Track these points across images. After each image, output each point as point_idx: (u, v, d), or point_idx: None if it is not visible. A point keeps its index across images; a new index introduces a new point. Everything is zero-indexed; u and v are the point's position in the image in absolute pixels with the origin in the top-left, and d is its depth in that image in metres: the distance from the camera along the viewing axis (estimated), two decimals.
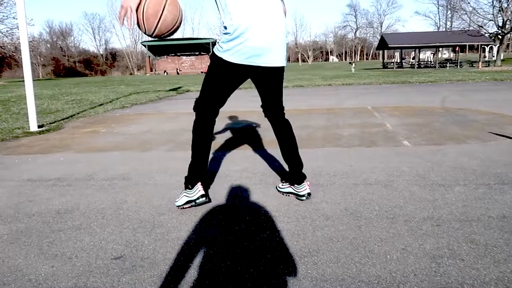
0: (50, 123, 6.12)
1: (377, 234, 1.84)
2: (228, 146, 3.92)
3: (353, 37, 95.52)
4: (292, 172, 2.35)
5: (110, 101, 9.45)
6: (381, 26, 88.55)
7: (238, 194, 2.51)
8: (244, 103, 8.02)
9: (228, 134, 4.64)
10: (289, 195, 2.41)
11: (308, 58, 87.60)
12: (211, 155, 3.53)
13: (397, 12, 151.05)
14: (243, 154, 3.58)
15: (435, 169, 2.86)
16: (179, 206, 2.24)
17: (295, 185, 2.34)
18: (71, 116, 6.92)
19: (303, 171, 2.36)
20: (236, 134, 4.68)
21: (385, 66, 38.10)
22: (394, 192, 2.40)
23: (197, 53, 56.88)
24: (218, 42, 2.11)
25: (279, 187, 2.49)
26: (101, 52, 74.85)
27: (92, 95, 11.39)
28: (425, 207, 2.14)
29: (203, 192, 2.23)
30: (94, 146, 4.30)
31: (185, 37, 70.72)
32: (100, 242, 1.87)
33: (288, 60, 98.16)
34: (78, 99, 10.30)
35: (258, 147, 3.83)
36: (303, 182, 2.32)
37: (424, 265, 1.55)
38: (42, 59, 57.70)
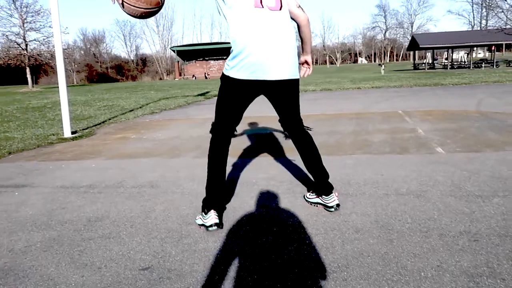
0: (83, 129, 6.31)
1: (410, 249, 1.76)
2: (253, 153, 3.91)
3: (383, 38, 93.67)
4: (318, 183, 2.30)
5: (140, 107, 9.66)
6: (411, 26, 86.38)
7: (265, 203, 2.48)
8: (267, 108, 7.99)
9: (253, 140, 4.62)
10: (317, 206, 2.36)
11: (336, 60, 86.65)
12: (237, 162, 3.52)
13: (428, 11, 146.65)
14: (269, 162, 3.55)
15: (471, 179, 2.73)
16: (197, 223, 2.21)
17: (323, 195, 2.29)
18: (102, 122, 7.12)
19: (331, 180, 2.31)
20: (261, 140, 4.66)
21: (416, 67, 37.14)
22: (428, 204, 2.30)
23: (225, 57, 57.38)
24: (226, 62, 2.12)
25: (307, 197, 2.44)
26: (132, 58, 76.95)
27: (123, 101, 11.69)
28: (462, 220, 2.04)
29: (216, 221, 2.09)
30: (124, 152, 4.39)
31: (213, 41, 71.59)
32: (129, 252, 1.89)
33: (316, 62, 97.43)
34: (109, 105, 10.60)
35: (283, 154, 3.79)
36: (331, 192, 2.27)
37: (461, 284, 1.47)
38: (76, 65, 59.94)
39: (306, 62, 2.37)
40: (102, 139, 5.38)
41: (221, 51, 56.35)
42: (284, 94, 2.12)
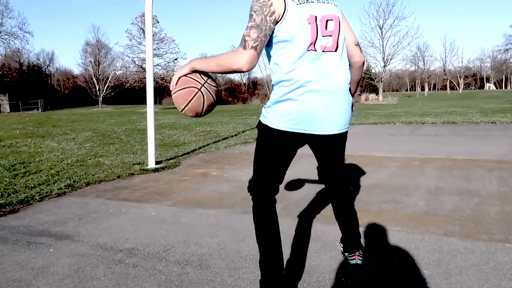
0: (169, 159, 5.97)
1: None
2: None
3: None
4: (345, 238, 2.06)
5: (236, 134, 9.24)
6: None
7: None
8: (379, 145, 6.76)
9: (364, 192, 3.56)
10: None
11: (458, 85, 78.36)
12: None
13: None
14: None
15: None
16: None
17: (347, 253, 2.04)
18: (192, 151, 6.75)
19: None
20: (371, 193, 3.57)
21: None
22: None
23: None
24: (264, 108, 1.77)
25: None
26: (244, 81, 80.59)
27: (222, 126, 11.51)
28: None
29: None
30: (195, 197, 3.75)
31: None
32: None
33: (434, 87, 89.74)
34: (207, 130, 10.45)
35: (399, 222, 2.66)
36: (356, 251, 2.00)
37: None
38: None
39: None
40: (183, 174, 4.89)
41: None
42: (331, 147, 1.84)
